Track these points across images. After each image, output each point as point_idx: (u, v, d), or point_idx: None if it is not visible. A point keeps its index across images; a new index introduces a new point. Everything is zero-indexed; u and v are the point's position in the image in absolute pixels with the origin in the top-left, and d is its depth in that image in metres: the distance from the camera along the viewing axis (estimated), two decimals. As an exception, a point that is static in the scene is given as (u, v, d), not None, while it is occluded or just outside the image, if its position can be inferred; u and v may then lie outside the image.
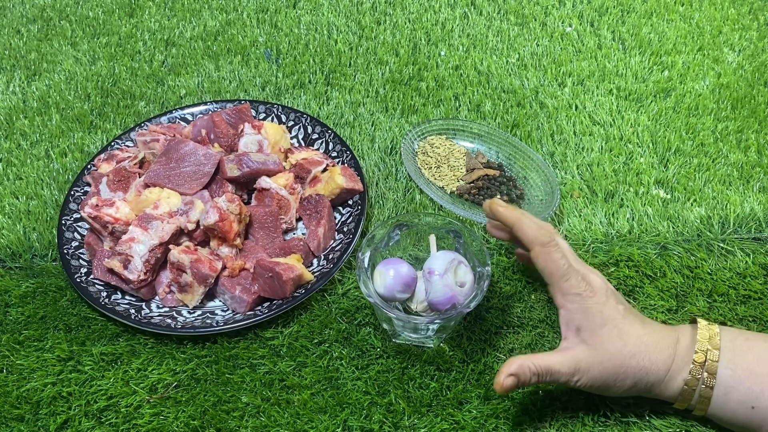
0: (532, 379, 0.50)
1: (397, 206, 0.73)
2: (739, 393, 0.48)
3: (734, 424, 0.50)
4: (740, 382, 0.48)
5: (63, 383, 0.59)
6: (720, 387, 0.49)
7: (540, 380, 0.50)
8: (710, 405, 0.50)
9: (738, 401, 0.48)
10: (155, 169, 0.69)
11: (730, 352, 0.49)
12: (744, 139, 0.77)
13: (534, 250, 0.52)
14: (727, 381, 0.49)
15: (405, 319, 0.54)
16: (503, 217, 0.55)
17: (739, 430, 0.51)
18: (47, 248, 0.70)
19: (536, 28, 0.94)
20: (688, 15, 0.95)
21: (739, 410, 0.49)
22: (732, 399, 0.49)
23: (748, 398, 0.48)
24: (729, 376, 0.49)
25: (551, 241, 0.52)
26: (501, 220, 0.56)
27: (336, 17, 0.97)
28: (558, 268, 0.51)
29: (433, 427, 0.55)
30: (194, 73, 0.89)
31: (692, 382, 0.49)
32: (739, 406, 0.48)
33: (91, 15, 0.99)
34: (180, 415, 0.56)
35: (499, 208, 0.55)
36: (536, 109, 0.82)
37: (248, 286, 0.63)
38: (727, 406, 0.49)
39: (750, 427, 0.49)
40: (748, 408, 0.48)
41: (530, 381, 0.50)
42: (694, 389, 0.50)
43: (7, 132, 0.83)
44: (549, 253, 0.51)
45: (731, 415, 0.49)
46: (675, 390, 0.51)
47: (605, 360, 0.50)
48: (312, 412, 0.56)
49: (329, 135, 0.76)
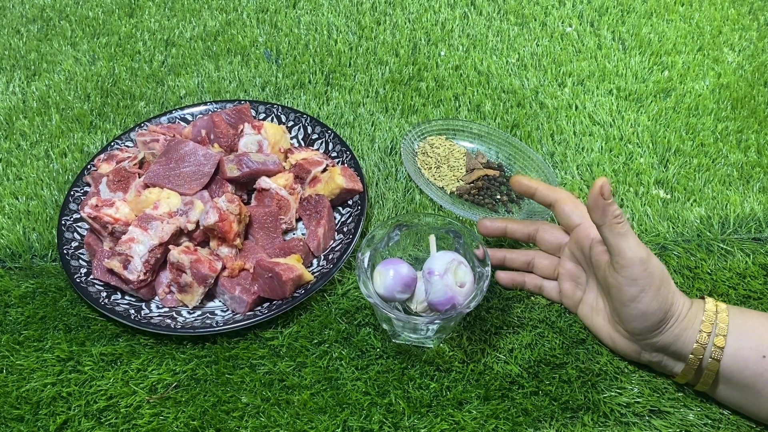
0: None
1: (397, 206, 0.73)
2: (751, 340, 0.50)
3: (740, 380, 0.51)
4: (753, 331, 0.50)
5: (63, 383, 0.59)
6: (732, 333, 0.50)
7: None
8: (723, 354, 0.50)
9: (750, 348, 0.50)
10: (155, 169, 0.69)
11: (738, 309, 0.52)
12: (744, 139, 0.77)
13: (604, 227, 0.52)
14: (739, 329, 0.51)
15: (405, 319, 0.54)
16: (544, 195, 0.58)
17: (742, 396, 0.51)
18: (47, 248, 0.70)
19: (536, 28, 0.94)
20: (688, 15, 0.95)
21: (750, 358, 0.50)
22: (745, 346, 0.50)
23: (760, 346, 0.50)
24: (741, 324, 0.51)
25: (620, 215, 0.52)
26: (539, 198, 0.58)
27: (336, 17, 0.97)
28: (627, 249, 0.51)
29: (432, 427, 0.55)
30: (194, 74, 0.89)
31: (707, 326, 0.51)
32: (750, 353, 0.50)
33: (91, 15, 0.99)
34: (180, 415, 0.56)
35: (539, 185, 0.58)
36: (536, 110, 0.82)
37: (248, 286, 0.63)
38: (740, 354, 0.50)
39: (757, 382, 0.50)
40: (759, 357, 0.50)
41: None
42: (709, 333, 0.51)
43: (7, 132, 0.83)
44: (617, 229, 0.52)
45: (742, 365, 0.50)
46: (692, 333, 0.51)
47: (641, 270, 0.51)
48: (312, 412, 0.56)
49: (329, 135, 0.76)
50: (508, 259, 0.63)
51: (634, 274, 0.51)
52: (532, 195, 0.60)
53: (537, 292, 0.63)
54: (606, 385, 0.57)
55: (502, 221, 0.62)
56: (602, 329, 0.57)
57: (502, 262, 0.64)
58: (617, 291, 0.53)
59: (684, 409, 0.55)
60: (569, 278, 0.60)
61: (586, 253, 0.57)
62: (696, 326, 0.52)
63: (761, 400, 0.51)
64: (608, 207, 0.51)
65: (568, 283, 0.60)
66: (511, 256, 0.63)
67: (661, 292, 0.51)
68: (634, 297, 0.52)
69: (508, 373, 0.58)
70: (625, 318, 0.53)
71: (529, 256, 0.63)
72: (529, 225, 0.62)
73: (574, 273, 0.60)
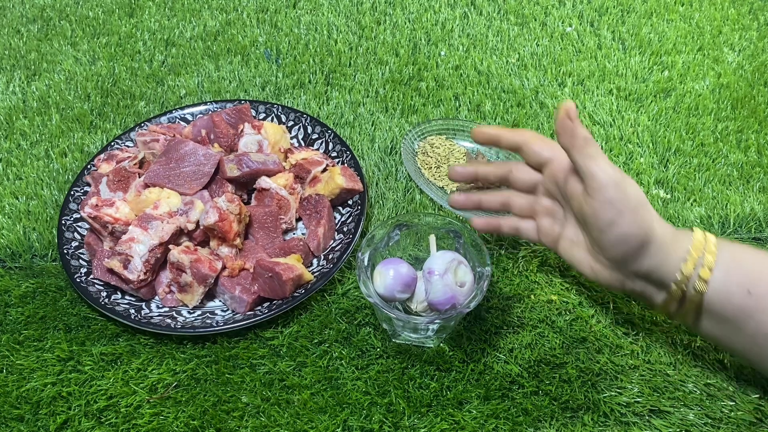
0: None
1: (397, 206, 0.73)
2: (737, 275, 0.49)
3: (723, 314, 0.50)
4: (741, 264, 0.49)
5: (63, 383, 0.59)
6: (719, 266, 0.49)
7: None
8: (709, 287, 0.49)
9: (736, 283, 0.49)
10: (155, 169, 0.69)
11: (728, 242, 0.51)
12: (744, 139, 0.77)
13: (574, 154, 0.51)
14: (727, 263, 0.49)
15: (405, 319, 0.54)
16: (509, 138, 0.57)
17: (723, 330, 0.51)
18: (47, 248, 0.70)
19: (536, 28, 0.94)
20: (688, 15, 0.95)
21: (735, 293, 0.49)
22: (731, 280, 0.49)
23: (746, 282, 0.49)
24: (729, 258, 0.49)
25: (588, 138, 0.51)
26: (505, 144, 0.57)
27: (336, 17, 0.97)
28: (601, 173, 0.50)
29: (433, 427, 0.55)
30: (194, 73, 0.89)
31: (694, 256, 0.50)
32: (736, 288, 0.49)
33: (91, 15, 0.99)
34: (180, 415, 0.56)
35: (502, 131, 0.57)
36: (536, 109, 0.82)
37: (248, 286, 0.63)
38: (725, 288, 0.49)
39: (739, 317, 0.49)
40: (745, 293, 0.48)
41: None
42: (695, 263, 0.50)
43: (7, 132, 0.83)
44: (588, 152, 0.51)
45: (725, 299, 0.49)
46: (675, 261, 0.50)
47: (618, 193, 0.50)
48: (312, 412, 0.56)
49: (329, 135, 0.76)
50: (484, 202, 0.61)
51: (608, 196, 0.50)
52: (498, 143, 0.58)
53: (514, 234, 0.61)
54: (606, 385, 0.57)
55: (472, 165, 0.60)
56: (583, 262, 0.55)
57: (479, 204, 0.62)
58: (594, 218, 0.51)
59: (684, 408, 0.55)
60: (547, 214, 0.58)
61: (561, 187, 0.55)
62: (681, 255, 0.50)
63: (741, 335, 0.50)
64: (576, 129, 0.50)
65: (546, 220, 0.58)
66: (487, 197, 0.61)
67: (639, 214, 0.50)
68: (611, 221, 0.50)
69: (508, 373, 0.58)
70: (605, 245, 0.52)
71: (505, 196, 0.61)
72: (501, 166, 0.60)
73: (551, 209, 0.58)
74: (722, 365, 0.58)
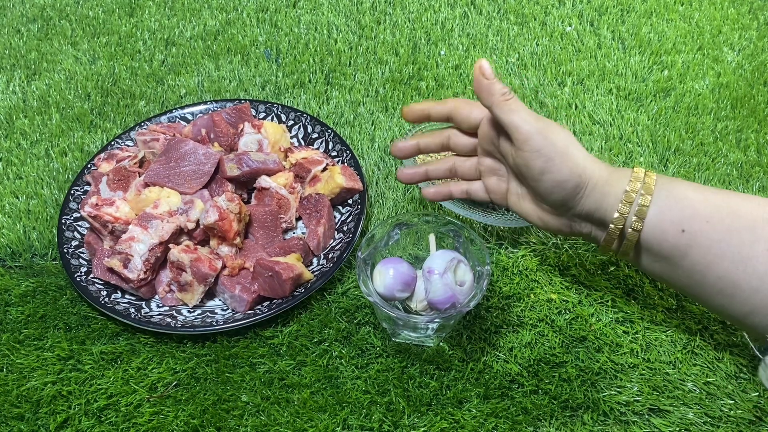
0: None
1: (397, 205, 0.73)
2: (672, 213, 0.49)
3: (660, 252, 0.51)
4: (673, 205, 0.50)
5: (63, 382, 0.59)
6: (654, 205, 0.50)
7: None
8: (644, 224, 0.50)
9: (670, 221, 0.49)
10: (155, 168, 0.69)
11: (666, 181, 0.51)
12: (743, 138, 0.78)
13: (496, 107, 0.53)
14: (662, 202, 0.50)
15: (405, 318, 0.54)
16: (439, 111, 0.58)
17: (662, 267, 0.52)
18: (47, 247, 0.70)
19: (536, 27, 0.94)
20: (687, 15, 0.95)
21: (670, 231, 0.50)
22: (665, 219, 0.50)
23: (680, 220, 0.49)
24: (665, 197, 0.50)
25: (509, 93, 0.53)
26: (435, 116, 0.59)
27: (336, 17, 0.97)
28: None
29: (432, 426, 0.55)
30: (194, 73, 0.89)
31: (630, 196, 0.50)
32: (670, 226, 0.49)
33: (91, 14, 0.99)
34: (180, 413, 0.56)
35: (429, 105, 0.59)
36: (536, 109, 0.82)
37: (248, 285, 0.63)
38: (660, 226, 0.50)
39: (675, 254, 0.50)
40: (679, 231, 0.49)
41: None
42: (631, 202, 0.50)
43: (7, 131, 0.83)
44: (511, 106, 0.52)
45: (661, 237, 0.50)
46: (614, 201, 0.51)
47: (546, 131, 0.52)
48: (312, 411, 0.56)
49: (329, 134, 0.76)
50: (431, 171, 0.63)
51: (535, 145, 0.51)
52: (428, 117, 0.60)
53: (465, 197, 0.62)
54: (605, 384, 0.57)
55: (413, 139, 0.62)
56: (531, 213, 0.57)
57: (425, 175, 0.63)
58: (526, 168, 0.52)
59: (683, 407, 0.55)
60: (491, 173, 0.59)
61: (497, 144, 0.57)
62: (619, 194, 0.51)
63: (678, 272, 0.51)
64: (493, 86, 0.52)
65: (491, 179, 0.59)
66: (432, 167, 0.63)
67: (569, 158, 0.51)
68: (542, 169, 0.51)
69: (508, 372, 0.58)
70: (542, 192, 0.53)
71: (449, 162, 0.62)
72: (439, 135, 0.62)
73: (493, 167, 0.59)
74: (721, 363, 0.58)
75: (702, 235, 0.49)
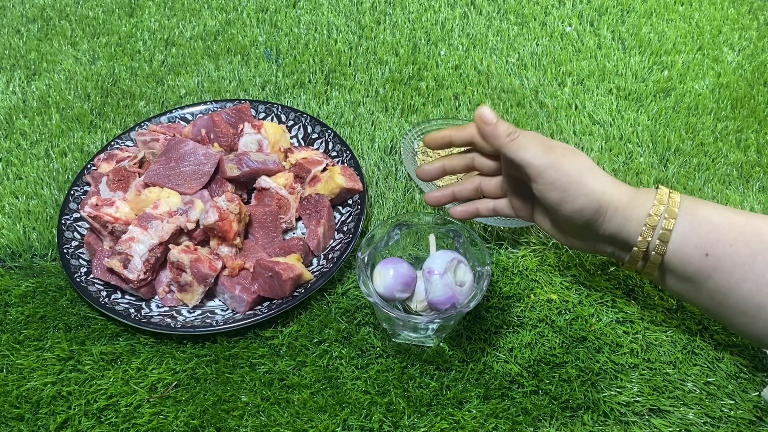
0: None
1: (397, 206, 0.73)
2: (696, 237, 0.50)
3: (683, 274, 0.51)
4: (697, 230, 0.50)
5: (63, 383, 0.59)
6: (678, 229, 0.50)
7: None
8: (668, 248, 0.51)
9: (694, 246, 0.50)
10: (155, 168, 0.69)
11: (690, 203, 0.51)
12: (744, 138, 0.78)
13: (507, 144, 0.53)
14: (686, 227, 0.50)
15: (405, 318, 0.54)
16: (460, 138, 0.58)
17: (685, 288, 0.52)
18: (47, 248, 0.70)
19: (536, 27, 0.94)
20: (687, 15, 0.95)
21: (694, 255, 0.50)
22: (689, 243, 0.50)
23: (704, 244, 0.49)
24: (688, 221, 0.50)
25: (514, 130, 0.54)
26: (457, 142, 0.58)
27: (336, 17, 0.97)
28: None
29: (432, 426, 0.55)
30: (194, 73, 0.89)
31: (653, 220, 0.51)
32: (694, 250, 0.50)
33: (91, 15, 0.99)
34: (180, 414, 0.56)
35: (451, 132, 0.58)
36: (536, 109, 0.82)
37: (248, 285, 0.63)
38: (684, 250, 0.50)
39: (699, 277, 0.51)
40: (702, 255, 0.50)
41: None
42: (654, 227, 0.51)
43: (7, 131, 0.83)
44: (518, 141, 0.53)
45: (685, 261, 0.51)
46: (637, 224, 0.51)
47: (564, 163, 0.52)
48: (312, 411, 0.56)
49: (329, 135, 0.76)
50: (457, 192, 0.63)
51: (548, 178, 0.52)
52: (450, 144, 0.60)
53: (492, 215, 0.62)
54: (606, 384, 0.57)
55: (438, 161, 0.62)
56: (556, 233, 0.58)
57: (452, 197, 0.63)
58: (544, 199, 0.53)
59: (684, 408, 0.55)
60: (516, 193, 0.59)
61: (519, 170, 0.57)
62: (642, 218, 0.51)
63: (701, 293, 0.52)
64: (497, 129, 0.53)
65: (516, 198, 0.60)
66: (459, 188, 0.63)
67: (585, 186, 0.51)
68: (559, 200, 0.52)
69: (508, 372, 0.58)
70: (563, 220, 0.54)
71: (475, 182, 0.62)
72: (464, 157, 0.62)
73: (518, 188, 0.59)
74: (722, 363, 0.58)
75: (726, 258, 0.49)
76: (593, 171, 0.52)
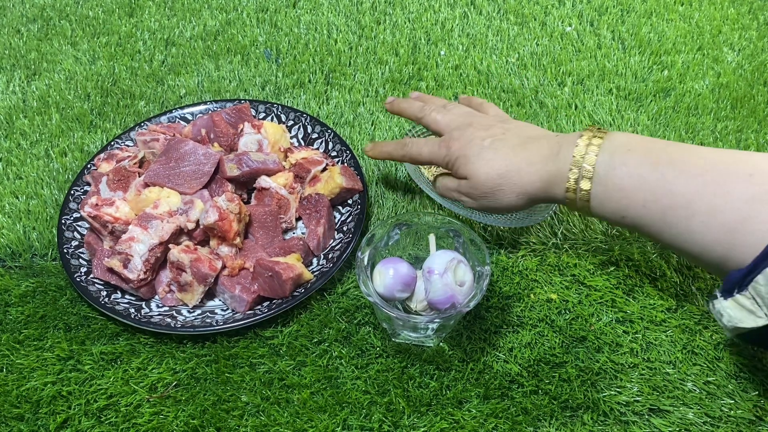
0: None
1: (397, 206, 0.73)
2: (611, 204, 0.53)
3: (613, 224, 0.59)
4: (610, 198, 0.52)
5: (63, 382, 0.59)
6: (595, 198, 0.53)
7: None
8: (591, 209, 0.54)
9: (611, 211, 0.53)
10: (155, 168, 0.69)
11: (604, 167, 0.52)
12: (743, 138, 0.78)
13: None
14: (599, 196, 0.53)
15: (404, 318, 0.54)
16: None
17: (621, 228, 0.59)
18: (47, 247, 0.70)
19: (536, 27, 0.94)
20: (687, 15, 0.95)
21: (614, 218, 0.53)
22: (606, 208, 0.53)
23: (618, 210, 0.52)
24: (601, 191, 0.53)
25: None
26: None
27: (336, 17, 0.97)
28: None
29: (432, 426, 0.55)
30: (194, 73, 0.89)
31: (571, 196, 0.54)
32: (612, 214, 0.53)
33: (91, 15, 0.99)
34: (180, 414, 0.56)
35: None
36: (536, 109, 0.82)
37: (248, 285, 0.63)
38: (603, 213, 0.54)
39: (625, 229, 0.56)
40: (620, 217, 0.53)
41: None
42: (575, 198, 0.54)
43: (7, 131, 0.83)
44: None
45: (610, 218, 0.54)
46: (561, 190, 0.55)
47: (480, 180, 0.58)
48: (311, 411, 0.56)
49: (329, 134, 0.76)
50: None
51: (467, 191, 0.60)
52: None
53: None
54: (605, 384, 0.57)
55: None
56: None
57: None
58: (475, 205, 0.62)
59: (683, 407, 0.55)
60: None
61: None
62: (562, 193, 0.55)
63: (635, 234, 0.57)
64: (382, 150, 0.66)
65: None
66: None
67: (507, 191, 0.57)
68: (488, 206, 0.60)
69: (508, 372, 0.58)
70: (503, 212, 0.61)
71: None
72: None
73: None
74: (721, 362, 0.58)
75: (639, 219, 0.52)
76: (506, 172, 0.57)
